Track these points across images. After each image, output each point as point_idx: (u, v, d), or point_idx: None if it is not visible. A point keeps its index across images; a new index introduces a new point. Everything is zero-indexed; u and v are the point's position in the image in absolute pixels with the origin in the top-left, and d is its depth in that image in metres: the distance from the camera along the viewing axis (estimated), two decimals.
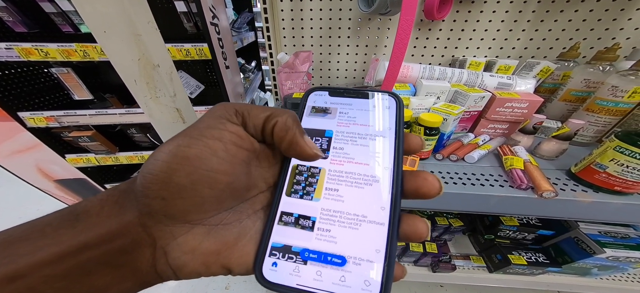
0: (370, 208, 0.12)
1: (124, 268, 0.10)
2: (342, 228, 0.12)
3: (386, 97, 0.15)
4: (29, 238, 0.09)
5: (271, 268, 0.12)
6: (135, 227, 0.10)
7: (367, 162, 0.13)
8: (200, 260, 0.11)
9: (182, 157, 0.10)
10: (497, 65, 0.48)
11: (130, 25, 0.24)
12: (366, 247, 0.11)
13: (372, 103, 0.15)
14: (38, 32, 0.61)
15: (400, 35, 0.33)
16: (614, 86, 0.34)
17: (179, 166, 0.10)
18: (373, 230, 0.12)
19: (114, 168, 0.98)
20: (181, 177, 0.10)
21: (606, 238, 0.49)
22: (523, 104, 0.39)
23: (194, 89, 0.73)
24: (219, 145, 0.10)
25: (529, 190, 0.32)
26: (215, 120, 0.11)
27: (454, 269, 0.65)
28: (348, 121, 0.15)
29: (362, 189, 0.13)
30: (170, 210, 0.10)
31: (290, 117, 0.12)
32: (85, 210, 0.10)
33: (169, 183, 0.10)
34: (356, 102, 0.15)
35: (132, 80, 0.29)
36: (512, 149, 0.38)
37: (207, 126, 0.11)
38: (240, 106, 0.12)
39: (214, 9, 0.58)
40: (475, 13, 0.51)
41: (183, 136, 0.10)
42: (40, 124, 0.71)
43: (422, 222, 0.12)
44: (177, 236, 0.11)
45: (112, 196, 0.11)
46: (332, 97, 0.15)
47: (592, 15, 0.46)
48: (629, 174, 0.28)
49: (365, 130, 0.14)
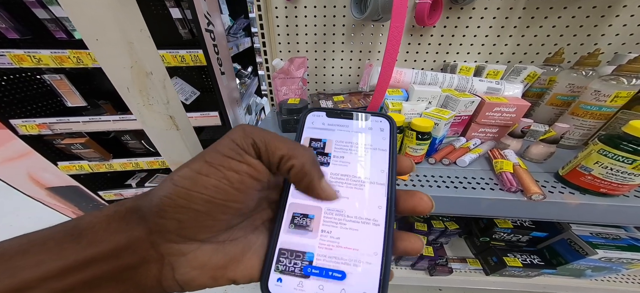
0: (367, 225, 0.13)
1: (128, 282, 0.10)
2: (341, 244, 0.13)
3: (380, 119, 0.16)
4: (29, 252, 0.09)
5: (276, 284, 0.12)
6: (143, 244, 0.10)
7: (363, 182, 0.14)
8: (208, 275, 0.12)
9: (201, 186, 0.10)
10: (487, 70, 0.50)
11: (122, 32, 0.25)
12: (363, 261, 0.12)
13: (368, 125, 0.15)
14: (31, 38, 0.61)
15: (391, 41, 0.34)
16: (596, 90, 0.36)
17: (197, 194, 0.10)
18: (370, 244, 0.13)
19: (108, 175, 0.96)
20: (198, 204, 0.10)
21: (598, 240, 0.50)
22: (511, 109, 0.40)
23: (190, 95, 0.73)
24: (235, 177, 0.11)
25: (519, 193, 0.33)
26: (233, 150, 0.11)
27: (451, 272, 0.65)
28: (345, 144, 0.15)
29: (359, 207, 0.13)
30: (184, 231, 0.11)
31: (308, 161, 0.12)
32: (90, 225, 0.10)
33: (187, 209, 0.10)
34: (352, 124, 0.16)
35: (124, 88, 0.29)
36: (502, 153, 0.39)
37: (225, 155, 0.11)
38: (259, 135, 0.11)
39: (209, 16, 0.58)
40: (464, 19, 0.53)
41: (202, 162, 0.11)
42: (32, 131, 0.70)
43: (417, 238, 0.13)
44: (186, 253, 0.11)
45: (118, 212, 0.11)
46: (329, 118, 0.16)
47: (574, 21, 0.48)
48: (614, 176, 0.29)
49: (361, 152, 0.15)
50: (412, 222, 0.69)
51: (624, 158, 0.27)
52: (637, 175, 0.28)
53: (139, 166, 0.85)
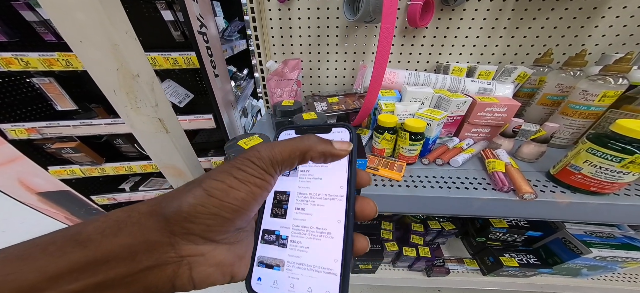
0: (330, 225, 0.15)
1: (138, 284, 0.11)
2: (309, 243, 0.15)
3: (341, 129, 0.18)
4: (28, 258, 0.09)
5: (257, 282, 0.14)
6: (163, 247, 0.11)
7: (326, 186, 0.16)
8: (220, 271, 0.13)
9: (232, 197, 0.12)
10: (478, 71, 0.50)
11: (107, 34, 0.24)
12: (327, 259, 0.14)
13: (330, 136, 0.18)
14: (18, 41, 0.60)
15: (382, 42, 0.34)
16: (584, 90, 0.36)
17: (228, 204, 0.12)
18: (331, 244, 0.14)
19: (100, 180, 0.95)
20: (228, 212, 0.12)
21: (592, 238, 0.50)
22: (502, 109, 0.40)
23: (183, 98, 0.73)
24: (258, 192, 0.13)
25: (511, 193, 0.33)
26: (255, 170, 0.13)
27: (448, 273, 0.64)
28: None
29: (322, 208, 0.15)
30: (208, 234, 0.12)
31: (318, 145, 0.14)
32: (97, 230, 0.10)
33: (217, 216, 0.12)
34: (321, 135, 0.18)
35: (111, 91, 0.29)
36: (494, 153, 0.39)
37: (248, 172, 0.13)
38: (273, 152, 0.14)
39: (202, 18, 0.58)
40: (455, 20, 0.53)
41: (231, 177, 0.12)
42: (21, 136, 0.68)
43: (364, 238, 0.15)
44: (205, 253, 0.13)
45: (131, 217, 0.11)
46: (298, 134, 0.19)
47: (561, 22, 0.49)
48: (603, 175, 0.29)
49: None
50: (409, 222, 0.68)
51: (612, 157, 0.27)
52: (626, 174, 0.28)
53: (132, 170, 0.83)
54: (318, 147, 0.14)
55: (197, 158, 0.41)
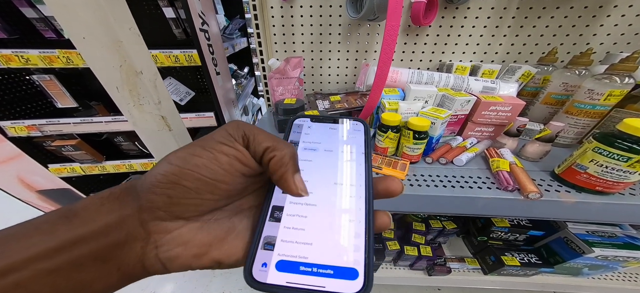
0: (349, 209, 0.14)
1: (111, 262, 0.11)
2: (324, 227, 0.13)
3: (356, 123, 0.18)
4: (24, 236, 0.09)
5: (261, 270, 0.12)
6: (132, 220, 0.11)
7: (341, 171, 0.15)
8: (192, 253, 0.12)
9: (193, 164, 0.11)
10: (482, 70, 0.50)
11: (110, 31, 0.24)
12: (347, 244, 0.13)
13: (345, 128, 0.18)
14: (18, 38, 0.59)
15: (386, 40, 0.34)
16: (589, 89, 0.36)
17: (188, 171, 0.11)
18: (353, 227, 0.13)
19: (101, 178, 0.94)
20: (188, 180, 0.11)
21: (594, 238, 0.50)
22: (507, 108, 0.40)
23: (184, 96, 0.72)
24: (224, 159, 0.12)
25: (515, 192, 0.33)
26: (225, 137, 0.12)
27: (449, 272, 0.64)
28: (325, 146, 0.17)
29: (339, 194, 0.14)
30: (172, 208, 0.12)
31: (288, 154, 0.13)
32: (84, 206, 0.11)
33: (176, 184, 0.11)
34: (333, 128, 0.18)
35: (113, 88, 0.28)
36: (498, 152, 0.38)
37: (218, 141, 0.12)
38: (249, 129, 0.13)
39: (204, 15, 0.58)
40: (459, 19, 0.53)
41: (195, 146, 0.12)
42: (21, 133, 0.68)
43: (385, 213, 0.14)
44: (172, 230, 0.12)
45: (113, 194, 0.11)
46: (313, 123, 0.18)
47: (566, 21, 0.49)
48: (609, 174, 0.29)
49: (340, 152, 0.17)
50: (410, 221, 0.68)
51: (619, 156, 0.27)
52: (632, 173, 0.28)
53: (132, 168, 0.83)
54: (284, 159, 0.13)
55: None
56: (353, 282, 0.11)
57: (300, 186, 0.13)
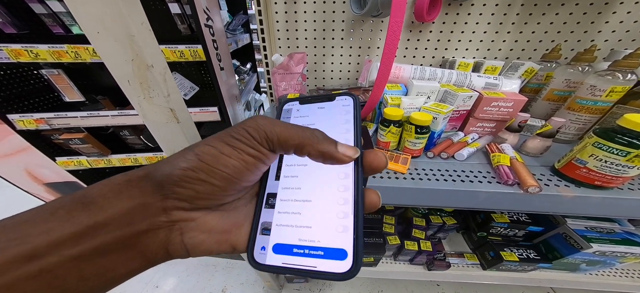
0: (338, 190, 0.14)
1: (135, 248, 0.11)
2: (315, 210, 0.14)
3: (345, 97, 0.18)
4: (42, 220, 0.09)
5: (260, 253, 0.13)
6: (156, 210, 0.11)
7: None
8: (214, 239, 0.13)
9: (223, 164, 0.12)
10: (485, 66, 0.50)
11: (124, 26, 0.25)
12: (336, 225, 0.13)
13: (334, 104, 0.18)
14: (28, 33, 0.60)
15: (390, 36, 0.34)
16: (592, 86, 0.36)
17: (218, 171, 0.12)
18: (342, 209, 0.13)
19: (107, 171, 0.96)
20: (217, 179, 0.12)
21: (592, 234, 0.51)
22: (508, 103, 0.40)
23: (188, 91, 0.73)
24: (251, 160, 0.12)
25: (515, 186, 0.33)
26: (248, 140, 0.12)
27: (449, 267, 0.65)
28: (320, 116, 0.18)
29: (328, 175, 0.15)
30: (198, 201, 0.12)
31: (319, 143, 0.13)
32: (100, 193, 0.11)
33: (206, 182, 0.12)
34: (321, 105, 0.18)
35: (125, 81, 0.29)
36: (500, 147, 0.39)
37: (243, 142, 0.12)
38: (270, 129, 0.13)
39: (208, 11, 0.58)
40: (463, 15, 0.53)
41: (223, 143, 0.12)
42: (29, 126, 0.69)
43: (374, 192, 0.14)
44: (196, 219, 0.12)
45: (131, 181, 0.11)
46: (302, 105, 0.19)
47: (571, 18, 0.48)
48: (608, 169, 0.29)
49: (333, 121, 0.17)
50: (411, 217, 0.69)
51: (618, 150, 0.28)
52: (631, 168, 0.28)
53: (138, 162, 0.85)
54: (319, 146, 0.13)
55: None
56: (342, 262, 0.12)
57: (349, 153, 0.13)
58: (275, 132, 0.12)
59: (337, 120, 0.17)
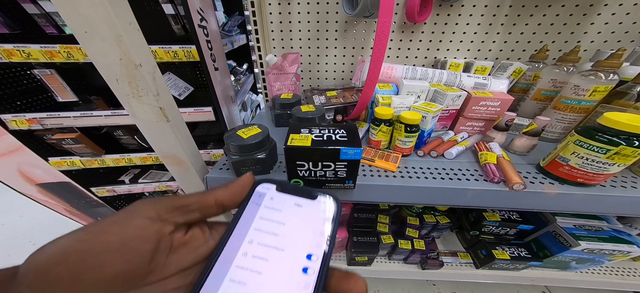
0: None
1: None
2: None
3: (327, 198, 0.15)
4: None
5: None
6: None
7: (293, 267, 0.13)
8: None
9: (70, 252, 0.10)
10: (475, 66, 0.51)
11: (111, 26, 0.25)
12: None
13: (314, 205, 0.15)
14: (20, 33, 0.60)
15: (379, 36, 0.35)
16: (576, 85, 0.37)
17: (61, 260, 0.10)
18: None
19: (101, 171, 0.95)
20: (61, 270, 0.10)
21: (581, 231, 0.52)
22: (496, 103, 0.41)
23: (183, 91, 0.73)
24: (114, 239, 0.11)
25: (501, 184, 0.34)
26: (125, 216, 0.11)
27: (442, 265, 0.66)
28: (292, 216, 0.15)
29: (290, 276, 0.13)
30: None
31: None
32: None
33: (47, 274, 0.10)
34: (303, 201, 0.15)
35: (114, 80, 0.29)
36: (488, 145, 0.40)
37: (113, 222, 0.11)
38: (162, 207, 0.11)
39: (203, 12, 0.58)
40: (454, 16, 0.54)
41: (81, 231, 0.11)
42: (22, 126, 0.69)
43: (362, 280, 0.13)
44: None
45: None
46: (279, 193, 0.16)
47: (558, 19, 0.50)
48: (589, 166, 0.30)
49: (305, 229, 0.15)
50: (405, 216, 0.70)
51: (599, 148, 0.28)
52: (612, 165, 0.29)
53: (132, 162, 0.84)
54: None
55: (197, 148, 0.42)
56: None
57: None
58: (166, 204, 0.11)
59: (310, 230, 0.14)
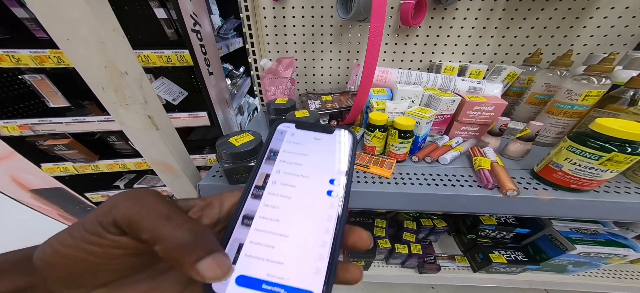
0: (317, 229, 0.13)
1: None
2: (288, 245, 0.13)
3: (343, 131, 0.17)
4: None
5: (221, 282, 0.12)
6: (41, 289, 0.11)
7: (318, 187, 0.15)
8: None
9: (67, 258, 0.11)
10: (469, 70, 0.51)
11: (94, 32, 0.24)
12: (310, 266, 0.13)
13: (331, 137, 0.17)
14: (9, 37, 0.59)
15: (371, 41, 0.35)
16: (568, 90, 0.37)
17: (62, 265, 0.11)
18: (317, 250, 0.13)
19: (94, 177, 0.94)
20: (65, 271, 0.11)
21: (577, 235, 0.52)
22: (490, 107, 0.41)
23: (177, 95, 0.73)
24: (98, 250, 0.11)
25: (495, 189, 0.34)
26: (94, 227, 0.11)
27: (439, 270, 0.65)
28: (314, 148, 0.17)
29: (310, 212, 0.14)
30: (65, 290, 0.11)
31: (173, 247, 0.10)
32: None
33: (57, 279, 0.11)
34: (317, 136, 0.17)
35: (99, 88, 0.29)
36: (482, 151, 0.39)
37: (88, 231, 0.11)
38: (123, 213, 0.11)
39: (196, 16, 0.58)
40: (448, 20, 0.54)
41: (66, 234, 0.11)
42: (13, 133, 0.68)
43: (365, 232, 0.13)
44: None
45: (10, 259, 0.11)
46: (298, 129, 0.18)
47: (551, 23, 0.50)
48: (582, 172, 0.30)
49: (327, 156, 0.16)
50: (402, 220, 0.69)
51: (591, 154, 0.28)
52: (604, 171, 0.29)
53: (126, 167, 0.83)
54: (171, 250, 0.11)
55: (188, 155, 0.42)
56: None
57: (213, 273, 0.10)
58: (128, 215, 0.11)
59: (331, 158, 0.16)
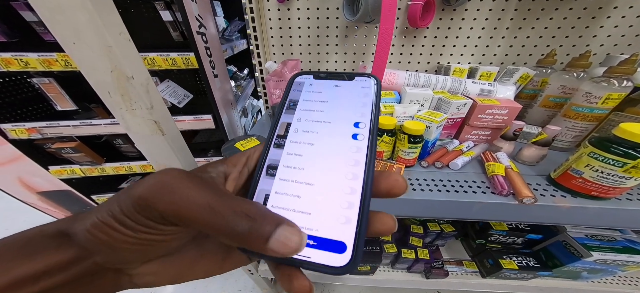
0: (345, 178, 0.13)
1: (79, 290, 0.11)
2: (317, 195, 0.13)
3: (364, 78, 0.16)
4: None
5: None
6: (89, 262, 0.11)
7: (343, 136, 0.14)
8: (166, 279, 0.12)
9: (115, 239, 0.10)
10: (480, 72, 0.49)
11: (100, 36, 0.24)
12: (339, 216, 0.12)
13: (353, 84, 0.16)
14: (18, 41, 0.60)
15: (380, 43, 0.34)
16: (587, 92, 0.35)
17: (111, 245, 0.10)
18: (347, 198, 0.12)
19: (101, 179, 0.95)
20: (118, 253, 0.11)
21: (593, 242, 0.50)
22: (503, 111, 0.39)
23: (182, 98, 0.73)
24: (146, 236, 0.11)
25: (510, 197, 0.32)
26: (134, 214, 0.10)
27: (447, 275, 0.64)
28: (335, 95, 0.16)
29: (337, 161, 0.13)
30: (118, 265, 0.11)
31: (235, 234, 0.09)
32: (28, 241, 0.10)
33: (106, 254, 0.10)
34: (338, 84, 0.17)
35: (105, 92, 0.28)
36: (495, 155, 0.38)
37: (126, 215, 0.11)
38: (164, 204, 0.09)
39: (201, 18, 0.58)
40: (457, 20, 0.53)
41: (104, 212, 0.11)
42: (22, 136, 0.69)
43: (390, 217, 0.12)
44: (137, 267, 0.11)
45: (61, 230, 0.11)
46: (316, 80, 0.17)
47: (565, 22, 0.48)
48: (604, 180, 0.28)
49: (349, 102, 0.16)
50: (408, 224, 0.68)
51: (615, 161, 0.27)
52: (628, 179, 0.27)
53: (132, 170, 0.84)
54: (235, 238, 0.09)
55: (193, 159, 0.41)
56: (340, 255, 0.11)
57: (287, 247, 0.09)
58: (170, 207, 0.09)
59: (354, 103, 0.15)
